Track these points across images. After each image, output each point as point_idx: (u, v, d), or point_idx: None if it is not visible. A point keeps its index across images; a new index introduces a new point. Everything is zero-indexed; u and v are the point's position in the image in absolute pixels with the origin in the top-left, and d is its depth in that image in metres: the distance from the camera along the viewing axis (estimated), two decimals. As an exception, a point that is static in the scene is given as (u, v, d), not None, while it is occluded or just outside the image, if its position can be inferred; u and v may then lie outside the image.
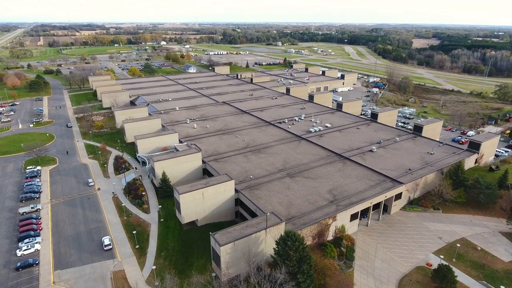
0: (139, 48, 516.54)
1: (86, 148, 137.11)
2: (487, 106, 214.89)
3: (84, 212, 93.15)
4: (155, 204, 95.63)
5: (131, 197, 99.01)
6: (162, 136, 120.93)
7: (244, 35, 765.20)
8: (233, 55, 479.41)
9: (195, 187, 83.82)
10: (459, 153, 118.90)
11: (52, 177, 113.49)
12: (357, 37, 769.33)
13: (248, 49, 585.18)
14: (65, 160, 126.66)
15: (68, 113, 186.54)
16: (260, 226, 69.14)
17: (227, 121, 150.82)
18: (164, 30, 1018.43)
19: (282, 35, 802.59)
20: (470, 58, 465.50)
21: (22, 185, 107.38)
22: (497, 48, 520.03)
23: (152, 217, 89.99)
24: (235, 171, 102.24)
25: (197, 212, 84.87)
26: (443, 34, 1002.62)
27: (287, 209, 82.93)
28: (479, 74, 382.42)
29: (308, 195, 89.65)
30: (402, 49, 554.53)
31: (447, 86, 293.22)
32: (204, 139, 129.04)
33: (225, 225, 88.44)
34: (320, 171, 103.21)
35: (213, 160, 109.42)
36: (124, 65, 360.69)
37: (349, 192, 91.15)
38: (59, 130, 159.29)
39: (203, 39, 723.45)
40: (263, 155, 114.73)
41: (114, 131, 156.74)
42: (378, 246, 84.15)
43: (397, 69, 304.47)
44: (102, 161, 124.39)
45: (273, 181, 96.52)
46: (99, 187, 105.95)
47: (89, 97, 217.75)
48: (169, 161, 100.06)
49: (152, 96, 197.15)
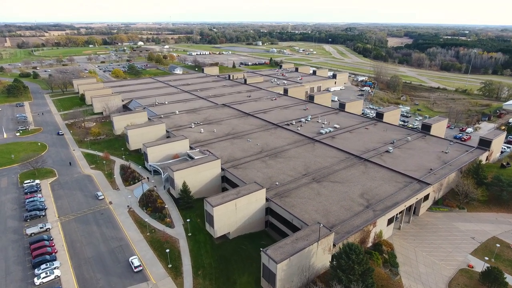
0: (117, 49, 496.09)
1: (85, 157, 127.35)
2: (477, 103, 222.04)
3: (100, 229, 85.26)
4: (177, 217, 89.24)
5: (150, 210, 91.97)
6: (173, 143, 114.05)
7: (223, 35, 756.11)
8: (216, 55, 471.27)
9: (227, 198, 78.61)
10: (471, 151, 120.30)
11: (55, 191, 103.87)
12: (334, 36, 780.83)
13: (229, 49, 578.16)
14: (65, 171, 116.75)
15: (55, 120, 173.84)
16: (311, 238, 65.22)
17: (233, 124, 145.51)
18: (139, 30, 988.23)
19: (261, 34, 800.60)
20: (446, 56, 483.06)
21: (22, 201, 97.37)
22: (469, 46, 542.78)
23: (178, 231, 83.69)
24: (258, 178, 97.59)
25: (229, 224, 79.71)
26: (414, 33, 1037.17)
27: (325, 217, 79.46)
28: (457, 71, 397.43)
29: (341, 200, 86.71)
30: (380, 48, 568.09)
31: (432, 84, 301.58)
32: (214, 144, 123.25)
33: (256, 236, 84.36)
34: (344, 174, 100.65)
35: (232, 167, 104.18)
36: (105, 66, 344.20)
37: (381, 196, 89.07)
38: (50, 138, 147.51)
39: (181, 39, 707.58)
40: (281, 159, 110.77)
41: (112, 137, 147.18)
42: (416, 250, 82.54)
43: (384, 68, 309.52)
44: (106, 171, 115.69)
45: (300, 187, 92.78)
46: (110, 201, 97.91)
47: (76, 101, 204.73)
48: (188, 170, 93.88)
49: (146, 99, 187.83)
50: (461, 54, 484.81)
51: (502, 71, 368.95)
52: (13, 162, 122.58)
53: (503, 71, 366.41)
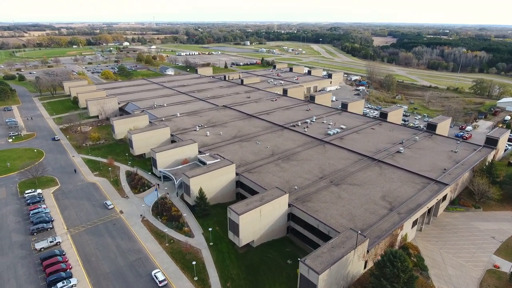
0: (103, 50, 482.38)
1: (87, 164, 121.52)
2: (471, 101, 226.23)
3: (115, 241, 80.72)
4: (195, 226, 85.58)
5: (165, 219, 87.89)
6: (182, 147, 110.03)
7: (211, 35, 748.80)
8: (206, 55, 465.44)
9: (251, 205, 75.66)
10: (479, 149, 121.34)
11: (59, 201, 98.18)
12: (321, 36, 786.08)
13: (218, 49, 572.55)
14: (67, 179, 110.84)
15: (48, 124, 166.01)
16: (347, 246, 63.13)
17: (238, 127, 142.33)
18: (122, 30, 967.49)
19: (248, 34, 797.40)
20: (432, 55, 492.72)
21: (25, 213, 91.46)
22: (452, 45, 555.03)
23: (199, 241, 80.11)
24: (275, 182, 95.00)
25: (254, 232, 76.84)
26: (397, 32, 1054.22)
27: (351, 222, 77.62)
28: (445, 70, 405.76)
29: (364, 204, 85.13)
30: (367, 47, 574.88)
31: (422, 83, 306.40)
32: (223, 147, 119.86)
33: (278, 243, 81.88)
34: (361, 176, 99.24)
35: (246, 171, 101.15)
36: (93, 68, 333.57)
37: (402, 198, 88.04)
38: (45, 144, 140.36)
39: (167, 39, 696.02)
40: (295, 162, 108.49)
41: (112, 142, 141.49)
42: (441, 252, 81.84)
43: (376, 68, 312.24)
44: (112, 178, 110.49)
45: (320, 191, 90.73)
46: (121, 210, 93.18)
47: (68, 104, 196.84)
48: (204, 176, 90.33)
49: (143, 101, 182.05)
50: (446, 53, 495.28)
51: (488, 69, 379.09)
52: (9, 170, 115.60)
53: (489, 69, 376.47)
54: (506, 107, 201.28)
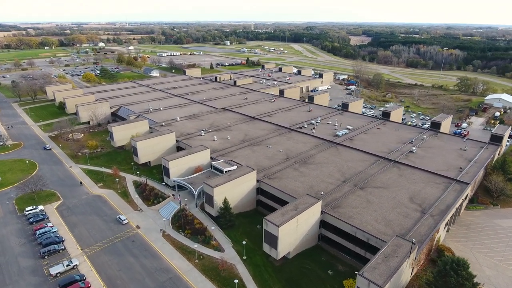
0: (79, 51, 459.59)
1: (88, 175, 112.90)
2: (459, 98, 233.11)
3: (138, 260, 74.34)
4: (223, 239, 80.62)
5: (188, 232, 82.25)
6: (194, 154, 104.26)
7: (189, 35, 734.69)
8: (188, 56, 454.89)
9: (287, 215, 71.85)
10: (486, 147, 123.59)
11: (65, 217, 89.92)
12: (299, 35, 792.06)
13: (198, 49, 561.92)
14: (69, 193, 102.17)
15: (35, 132, 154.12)
16: (400, 254, 60.77)
17: (244, 130, 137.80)
18: (94, 30, 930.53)
19: (227, 34, 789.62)
20: (410, 54, 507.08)
21: (30, 234, 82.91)
22: (427, 43, 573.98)
23: (231, 255, 75.30)
24: (299, 188, 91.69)
25: (290, 243, 73.17)
26: (371, 31, 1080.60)
27: (388, 227, 75.57)
28: (424, 68, 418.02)
29: (395, 207, 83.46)
30: (348, 46, 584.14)
31: (407, 81, 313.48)
32: (234, 153, 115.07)
33: (311, 252, 78.76)
34: (382, 178, 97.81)
35: (265, 178, 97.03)
36: (71, 70, 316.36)
37: (430, 199, 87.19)
38: (37, 155, 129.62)
39: (144, 39, 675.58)
40: (312, 165, 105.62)
41: (110, 150, 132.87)
42: (473, 252, 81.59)
43: (363, 67, 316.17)
44: (119, 189, 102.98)
45: (347, 195, 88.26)
46: (137, 225, 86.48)
47: (53, 110, 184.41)
48: (227, 185, 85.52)
49: (136, 105, 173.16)
50: (422, 51, 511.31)
51: (464, 67, 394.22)
52: (1, 185, 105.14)
53: (466, 67, 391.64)
54: (493, 104, 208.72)
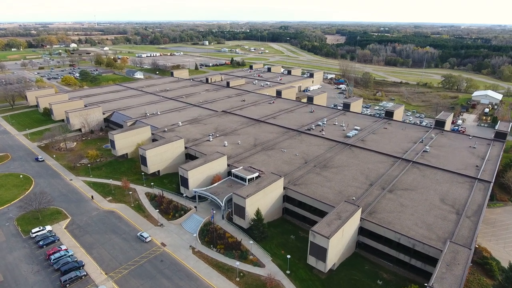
0: (51, 52, 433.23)
1: (93, 188, 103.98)
2: (446, 96, 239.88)
3: (173, 283, 68.05)
4: (260, 252, 75.83)
5: (221, 248, 76.77)
6: (212, 162, 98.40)
7: (164, 35, 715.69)
8: (169, 56, 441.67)
9: (333, 224, 68.37)
10: (493, 144, 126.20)
11: (79, 238, 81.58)
12: (277, 35, 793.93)
13: (177, 49, 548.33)
14: (76, 209, 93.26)
15: (21, 142, 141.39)
16: (461, 261, 58.98)
17: (252, 134, 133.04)
18: (62, 31, 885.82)
19: (203, 34, 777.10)
20: (387, 52, 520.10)
21: (42, 259, 74.32)
22: (402, 42, 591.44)
23: (273, 270, 70.70)
24: (328, 194, 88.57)
25: (336, 254, 69.86)
26: (344, 30, 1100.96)
27: (430, 231, 73.86)
28: (404, 66, 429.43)
29: (429, 210, 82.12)
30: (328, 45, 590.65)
31: (392, 79, 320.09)
32: (249, 158, 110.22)
33: (352, 260, 76.10)
34: (407, 179, 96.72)
35: (290, 184, 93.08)
36: (46, 73, 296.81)
37: (461, 200, 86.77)
38: (29, 167, 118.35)
39: (118, 39, 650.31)
40: (334, 169, 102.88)
41: (112, 159, 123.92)
42: (507, 250, 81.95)
43: (350, 66, 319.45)
44: (133, 203, 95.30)
45: (379, 200, 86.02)
46: (162, 242, 79.84)
47: (36, 117, 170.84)
48: (258, 194, 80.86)
49: (130, 110, 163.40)
50: (398, 50, 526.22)
51: (441, 64, 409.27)
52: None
53: (443, 65, 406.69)
54: (481, 100, 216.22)
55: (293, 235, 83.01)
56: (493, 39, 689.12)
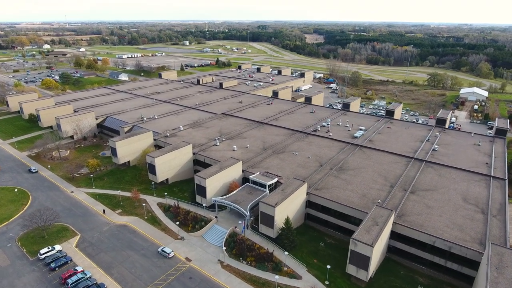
0: (24, 54, 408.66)
1: (99, 200, 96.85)
2: (434, 93, 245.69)
3: (209, 301, 63.56)
4: (293, 263, 72.49)
5: (251, 260, 72.82)
6: (228, 169, 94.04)
7: (142, 35, 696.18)
8: (150, 57, 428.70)
9: (373, 231, 66.23)
10: (495, 141, 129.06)
11: (93, 257, 75.06)
12: (257, 35, 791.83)
13: (157, 50, 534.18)
14: (84, 224, 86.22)
15: (8, 152, 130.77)
16: (510, 264, 58.05)
17: (259, 137, 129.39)
18: (32, 31, 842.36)
19: (182, 34, 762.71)
20: (367, 51, 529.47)
21: (57, 284, 67.58)
22: (380, 41, 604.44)
23: (311, 281, 67.61)
24: (353, 197, 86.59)
25: (375, 261, 67.60)
26: (321, 30, 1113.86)
27: (462, 232, 73.27)
28: (387, 64, 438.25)
29: (456, 210, 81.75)
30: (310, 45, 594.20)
31: (377, 77, 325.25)
32: (263, 163, 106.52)
33: (386, 266, 74.33)
34: (425, 180, 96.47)
35: (312, 188, 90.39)
36: (23, 76, 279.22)
37: (482, 199, 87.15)
38: (22, 180, 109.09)
39: (94, 40, 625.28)
40: (351, 171, 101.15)
41: (113, 168, 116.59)
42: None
43: (337, 65, 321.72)
44: (146, 215, 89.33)
45: (405, 202, 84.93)
46: (186, 257, 74.84)
47: (20, 124, 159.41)
48: (286, 201, 77.57)
49: (123, 115, 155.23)
50: (378, 49, 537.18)
51: (421, 62, 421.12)
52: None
53: (423, 63, 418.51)
54: (468, 97, 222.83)
55: (322, 242, 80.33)
56: (464, 37, 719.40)
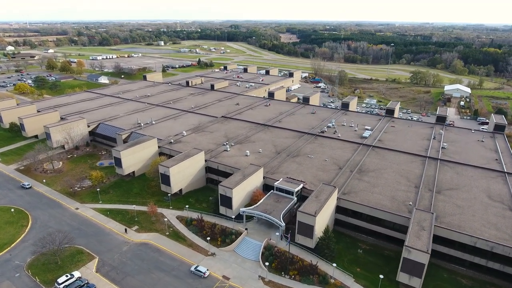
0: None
1: (109, 217, 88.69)
2: (420, 91, 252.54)
3: (259, 323, 58.88)
4: (338, 274, 69.21)
5: (294, 273, 68.78)
6: (252, 177, 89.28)
7: (112, 35, 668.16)
8: (127, 58, 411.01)
9: (423, 237, 64.55)
10: (495, 137, 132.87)
11: (120, 282, 67.83)
12: (233, 34, 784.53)
13: (130, 50, 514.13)
14: (99, 245, 78.27)
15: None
16: None
17: (268, 140, 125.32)
18: None
19: (156, 33, 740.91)
20: (344, 50, 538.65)
21: (85, 316, 60.00)
22: (355, 40, 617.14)
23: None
24: (383, 200, 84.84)
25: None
26: (294, 29, 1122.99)
27: (500, 231, 73.06)
28: (365, 63, 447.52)
29: (485, 208, 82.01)
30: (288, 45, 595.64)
31: (360, 76, 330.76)
32: (281, 168, 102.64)
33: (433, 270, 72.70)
34: (446, 179, 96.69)
35: (341, 193, 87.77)
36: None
37: (505, 195, 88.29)
38: (16, 197, 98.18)
39: (62, 41, 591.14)
40: (372, 173, 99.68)
41: (117, 179, 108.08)
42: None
43: (321, 65, 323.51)
44: (168, 231, 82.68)
45: (435, 203, 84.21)
46: (223, 275, 69.50)
47: (2, 134, 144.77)
48: (324, 210, 74.22)
49: (116, 120, 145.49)
50: (353, 47, 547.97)
51: (398, 60, 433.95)
52: (-8, 250, 75.83)
53: (399, 61, 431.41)
54: (453, 94, 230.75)
55: (359, 249, 77.81)
56: (432, 36, 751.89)
